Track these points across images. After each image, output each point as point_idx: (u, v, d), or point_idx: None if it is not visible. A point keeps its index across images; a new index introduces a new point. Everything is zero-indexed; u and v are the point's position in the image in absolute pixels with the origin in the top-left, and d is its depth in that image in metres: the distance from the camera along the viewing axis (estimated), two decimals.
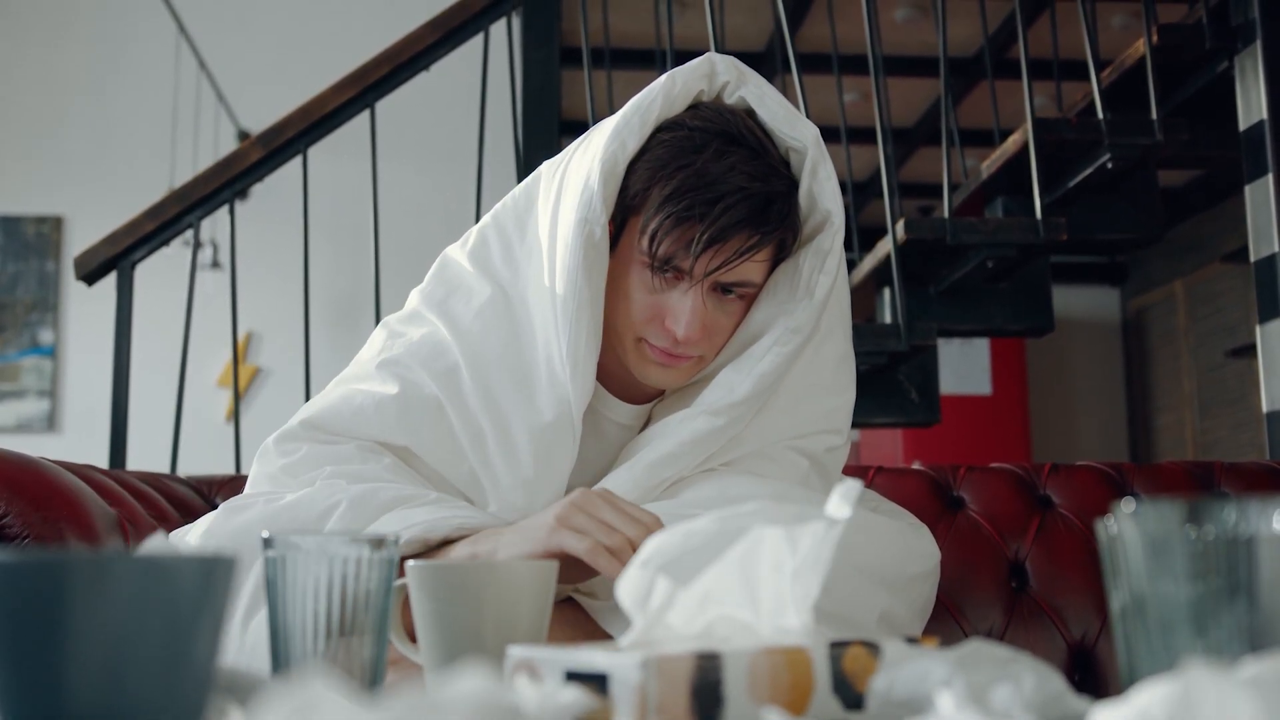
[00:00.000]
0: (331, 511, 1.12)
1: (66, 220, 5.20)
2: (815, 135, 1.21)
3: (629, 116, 1.18)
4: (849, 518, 0.70)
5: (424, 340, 1.24)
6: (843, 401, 1.31)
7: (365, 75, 2.86)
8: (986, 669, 0.59)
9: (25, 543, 1.30)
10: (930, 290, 3.07)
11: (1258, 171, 2.67)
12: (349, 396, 1.23)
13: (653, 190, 1.15)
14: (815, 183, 1.20)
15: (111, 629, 0.49)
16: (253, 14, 5.32)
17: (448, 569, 0.85)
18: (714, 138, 1.15)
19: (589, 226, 1.15)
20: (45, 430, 5.07)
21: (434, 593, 0.83)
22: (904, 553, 1.21)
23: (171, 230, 2.89)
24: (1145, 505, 0.56)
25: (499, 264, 1.27)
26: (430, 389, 1.21)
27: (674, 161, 1.15)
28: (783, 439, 1.25)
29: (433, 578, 0.84)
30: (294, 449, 1.22)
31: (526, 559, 1.01)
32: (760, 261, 1.18)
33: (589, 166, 1.18)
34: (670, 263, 1.16)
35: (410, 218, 4.46)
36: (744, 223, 1.13)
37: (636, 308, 1.19)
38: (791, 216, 1.19)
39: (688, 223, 1.13)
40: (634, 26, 4.62)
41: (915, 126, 6.17)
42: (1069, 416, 7.04)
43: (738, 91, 1.23)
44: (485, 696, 0.47)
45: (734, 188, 1.13)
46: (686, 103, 1.22)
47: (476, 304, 1.24)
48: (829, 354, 1.28)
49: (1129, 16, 5.07)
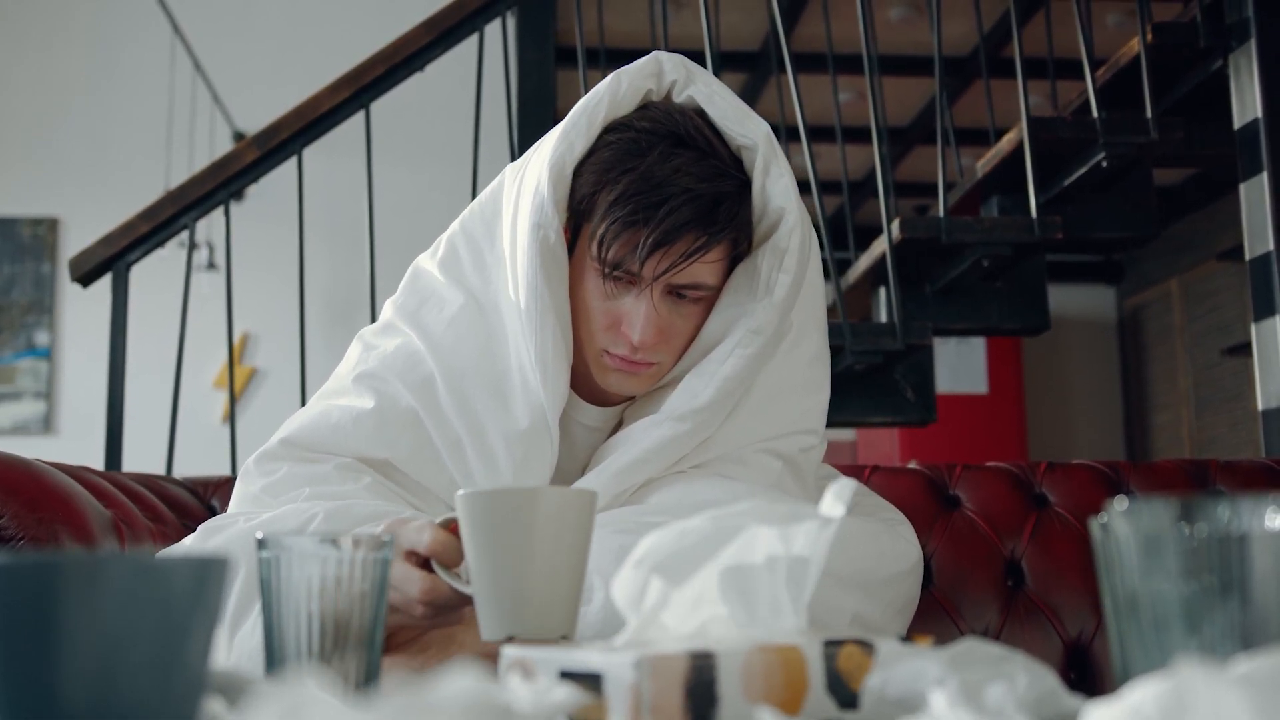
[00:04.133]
0: (307, 525, 1.12)
1: (62, 222, 5.20)
2: (766, 132, 1.18)
3: (576, 118, 1.18)
4: (841, 517, 0.70)
5: (398, 352, 1.24)
6: (816, 401, 1.29)
7: (360, 76, 2.86)
8: (980, 668, 0.59)
9: (20, 544, 1.30)
10: (926, 289, 3.07)
11: (1253, 169, 2.67)
12: (327, 412, 1.23)
13: (600, 195, 1.14)
14: (768, 180, 1.18)
15: (105, 630, 0.49)
16: (248, 16, 5.32)
17: (499, 494, 0.89)
18: (661, 139, 1.14)
19: (543, 231, 1.15)
20: (41, 432, 5.07)
21: (486, 519, 0.87)
22: (878, 555, 1.19)
23: (167, 231, 2.89)
24: (1138, 503, 0.56)
25: (469, 272, 1.26)
26: (407, 400, 1.21)
27: (620, 165, 1.14)
28: (755, 441, 1.23)
29: (485, 504, 0.87)
30: (274, 469, 1.22)
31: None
32: (712, 263, 1.16)
33: (540, 171, 1.17)
34: (620, 267, 1.14)
35: (406, 218, 4.45)
36: (690, 224, 1.12)
37: (594, 315, 1.18)
38: (742, 216, 1.17)
39: (634, 227, 1.11)
40: (629, 26, 4.62)
41: (910, 125, 6.17)
42: (1065, 415, 7.04)
43: (686, 90, 1.21)
44: (477, 696, 0.47)
45: (680, 189, 1.11)
46: (635, 103, 1.21)
47: (449, 313, 1.24)
48: (802, 354, 1.27)
49: (1124, 15, 5.07)
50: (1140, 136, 2.72)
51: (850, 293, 3.31)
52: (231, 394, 2.98)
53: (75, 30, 5.31)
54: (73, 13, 5.31)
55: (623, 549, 0.97)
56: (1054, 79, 3.84)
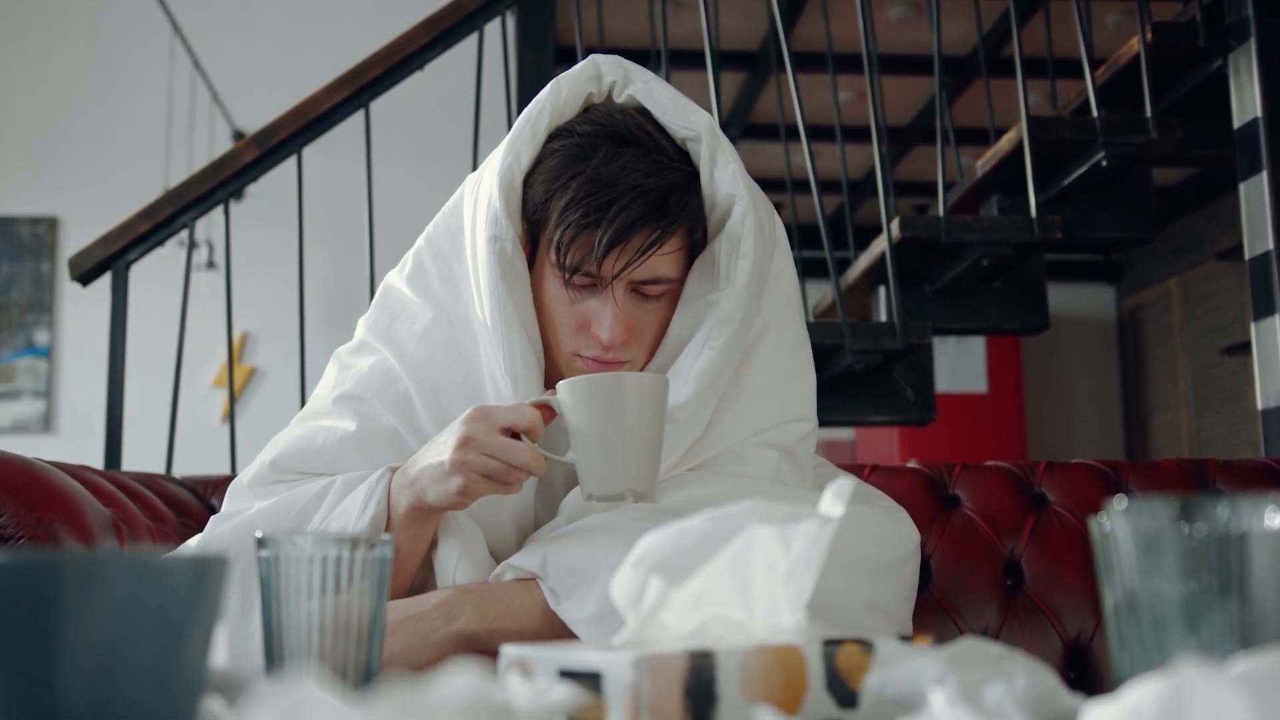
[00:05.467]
0: (326, 491, 1.18)
1: (62, 221, 5.19)
2: (709, 122, 1.20)
3: (520, 128, 1.20)
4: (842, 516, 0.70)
5: (373, 370, 1.26)
6: (804, 385, 1.31)
7: (359, 75, 2.86)
8: (979, 667, 0.59)
9: (20, 543, 1.30)
10: (925, 289, 3.07)
11: (1252, 169, 2.67)
12: (311, 435, 1.25)
13: (552, 202, 1.16)
14: (715, 169, 1.19)
15: (104, 629, 0.49)
16: (248, 15, 5.31)
17: (595, 379, 1.08)
18: (604, 140, 1.16)
19: (499, 244, 1.17)
20: (41, 431, 5.07)
21: (586, 398, 1.07)
22: (882, 539, 1.21)
23: (166, 231, 2.89)
24: (1138, 503, 0.56)
25: (437, 287, 1.28)
26: (386, 419, 1.24)
27: (567, 171, 1.15)
28: (751, 435, 1.25)
29: (584, 386, 1.07)
30: (268, 493, 1.25)
31: (448, 502, 1.10)
32: (669, 254, 1.18)
33: (491, 184, 1.20)
34: (580, 270, 1.16)
35: (405, 218, 4.43)
36: (643, 219, 1.13)
37: (562, 321, 1.20)
38: (692, 206, 1.18)
39: (589, 228, 1.13)
40: (628, 26, 4.62)
41: (910, 125, 6.17)
42: (1064, 414, 7.04)
43: (626, 90, 1.23)
44: (476, 695, 0.47)
45: (629, 186, 1.13)
46: (577, 107, 1.23)
47: (419, 328, 1.26)
48: (784, 344, 1.28)
49: (1123, 15, 5.07)
50: (1140, 136, 2.72)
51: (850, 292, 3.31)
52: (231, 393, 2.98)
53: (75, 29, 5.30)
54: (73, 12, 5.31)
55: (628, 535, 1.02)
56: (1053, 79, 3.84)
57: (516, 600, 1.12)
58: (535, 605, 1.11)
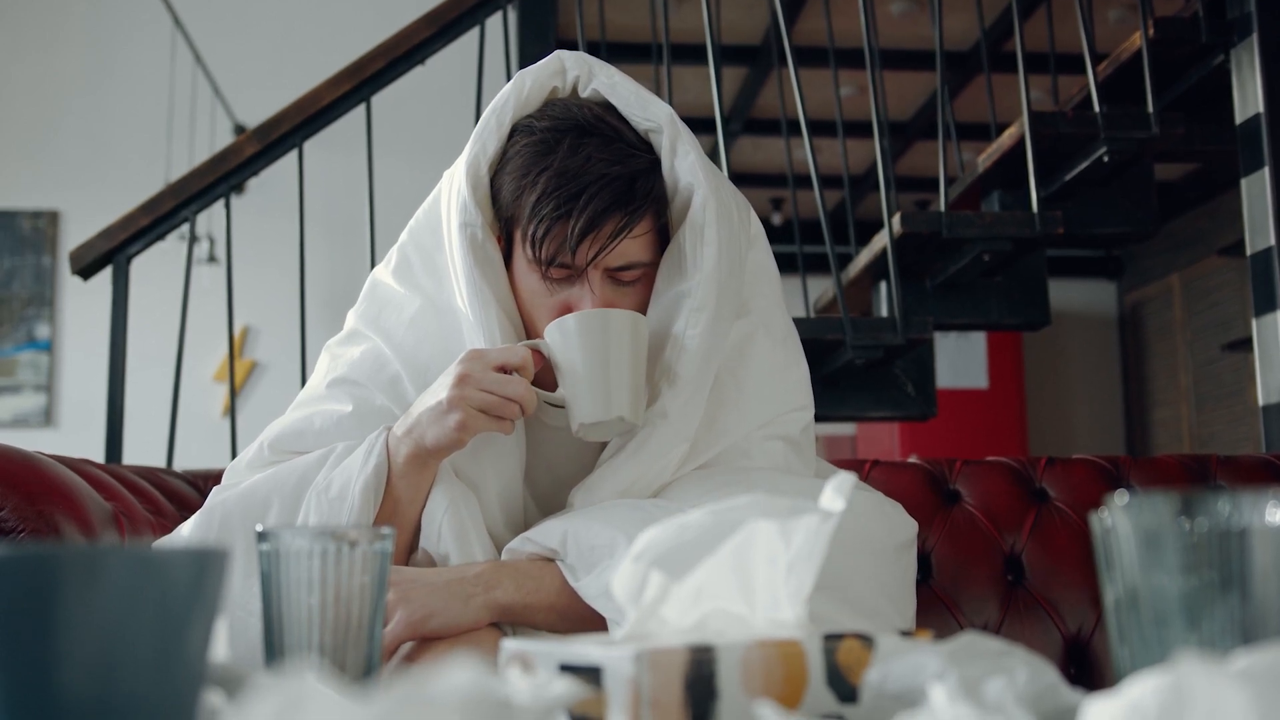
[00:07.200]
0: (326, 457, 1.21)
1: (62, 215, 5.19)
2: (669, 114, 1.23)
3: (486, 120, 1.24)
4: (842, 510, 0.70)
5: (364, 356, 1.30)
6: (799, 374, 1.34)
7: (361, 69, 2.86)
8: (980, 662, 0.59)
9: (20, 537, 1.30)
10: (926, 284, 3.07)
11: (1254, 165, 2.67)
12: (309, 418, 1.29)
13: (522, 199, 1.19)
14: (675, 160, 1.22)
15: (104, 623, 0.49)
16: (249, 9, 5.31)
17: (583, 315, 1.15)
18: (566, 133, 1.19)
19: (469, 230, 1.21)
20: (42, 425, 5.07)
21: (575, 332, 1.14)
22: (888, 522, 1.24)
23: (167, 224, 2.89)
24: (1138, 498, 0.56)
25: (422, 277, 1.32)
26: (380, 400, 1.27)
27: (534, 166, 1.18)
28: (755, 428, 1.27)
29: (573, 322, 1.15)
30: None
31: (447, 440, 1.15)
32: (640, 237, 1.20)
33: (459, 174, 1.24)
34: (555, 262, 1.19)
35: (406, 212, 4.39)
36: (612, 206, 1.16)
37: (542, 312, 1.22)
38: (658, 190, 1.22)
39: (561, 220, 1.16)
40: (630, 20, 4.62)
41: (911, 120, 6.17)
42: (1065, 410, 7.05)
43: (590, 85, 1.26)
44: (476, 689, 0.47)
45: (596, 175, 1.16)
46: (541, 101, 1.26)
47: (407, 316, 1.30)
48: (775, 336, 1.31)
49: (1125, 10, 5.07)
50: (1141, 132, 2.72)
51: (851, 287, 3.31)
52: (232, 387, 2.98)
53: (76, 23, 5.30)
54: (74, 6, 5.30)
55: (647, 516, 1.10)
56: (1055, 74, 3.83)
57: (547, 577, 1.16)
58: (563, 582, 1.16)
